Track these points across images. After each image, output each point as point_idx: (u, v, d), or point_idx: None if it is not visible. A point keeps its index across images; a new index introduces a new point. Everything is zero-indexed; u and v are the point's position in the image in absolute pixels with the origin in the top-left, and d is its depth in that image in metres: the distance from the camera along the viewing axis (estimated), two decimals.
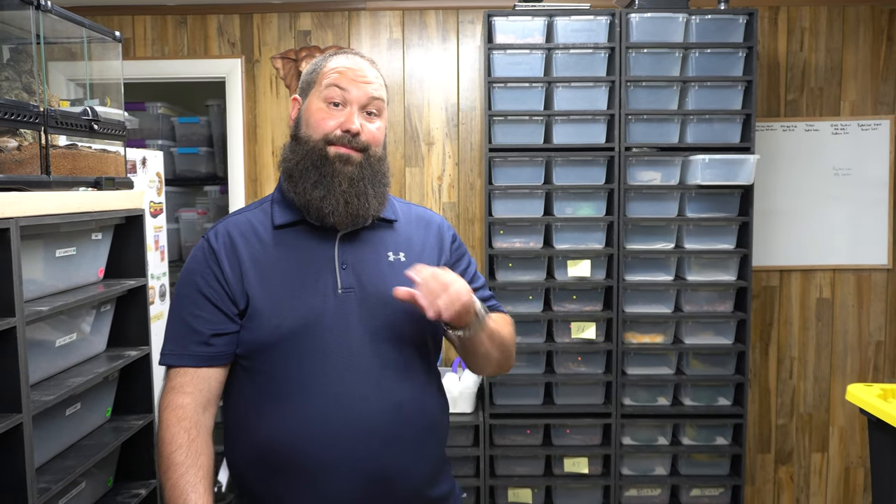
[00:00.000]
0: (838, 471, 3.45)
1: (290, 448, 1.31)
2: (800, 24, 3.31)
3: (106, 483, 1.97)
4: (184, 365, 1.34)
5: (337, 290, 1.36)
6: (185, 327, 1.35)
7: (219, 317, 1.35)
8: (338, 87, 1.37)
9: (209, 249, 1.38)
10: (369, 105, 1.39)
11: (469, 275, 1.53)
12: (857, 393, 2.03)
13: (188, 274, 1.39)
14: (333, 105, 1.37)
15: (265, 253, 1.38)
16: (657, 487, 3.03)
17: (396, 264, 1.42)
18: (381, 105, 1.41)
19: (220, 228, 1.42)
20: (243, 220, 1.43)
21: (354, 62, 1.40)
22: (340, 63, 1.40)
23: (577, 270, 2.92)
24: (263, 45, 3.33)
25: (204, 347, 1.34)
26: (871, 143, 3.33)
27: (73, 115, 1.77)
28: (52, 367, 1.73)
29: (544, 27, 2.91)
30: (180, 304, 1.38)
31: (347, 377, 1.32)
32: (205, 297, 1.35)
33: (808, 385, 3.42)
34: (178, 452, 1.27)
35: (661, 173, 2.94)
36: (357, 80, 1.38)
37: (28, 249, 1.60)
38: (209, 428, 1.34)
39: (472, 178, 3.37)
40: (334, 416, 1.31)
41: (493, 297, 1.60)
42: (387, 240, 1.45)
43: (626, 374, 2.98)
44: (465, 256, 1.56)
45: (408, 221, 1.50)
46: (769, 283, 3.38)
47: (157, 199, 2.86)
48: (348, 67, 1.39)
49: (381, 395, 1.33)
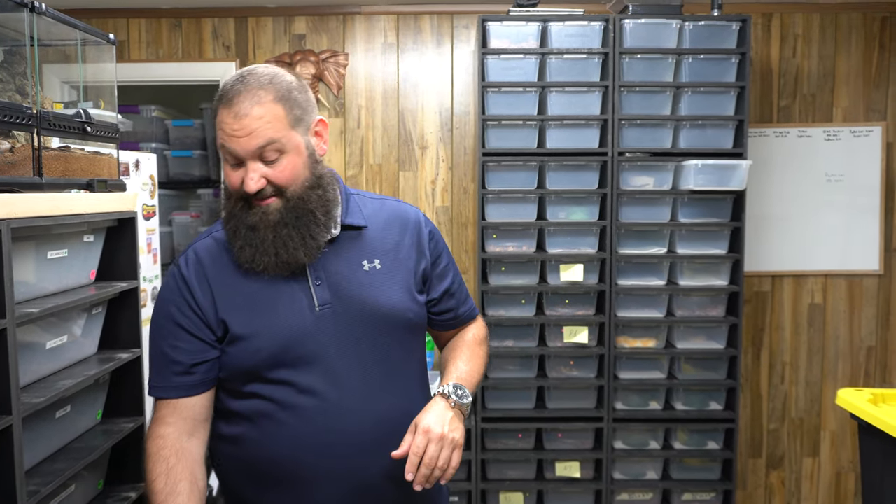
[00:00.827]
0: (829, 476, 3.46)
1: (276, 464, 1.32)
2: (793, 31, 3.32)
3: (96, 486, 1.97)
4: (168, 397, 1.35)
5: (314, 308, 1.34)
6: (165, 358, 1.35)
7: (197, 345, 1.34)
8: (224, 148, 1.29)
9: (180, 277, 1.37)
10: (263, 153, 1.28)
11: (448, 275, 1.52)
12: (848, 398, 2.03)
13: (163, 304, 1.38)
14: (232, 163, 1.31)
15: (235, 276, 1.35)
16: (649, 492, 3.03)
17: (373, 273, 1.39)
18: (278, 145, 1.28)
19: (190, 254, 1.40)
20: (210, 242, 1.40)
21: (231, 110, 1.27)
22: (221, 115, 1.29)
23: (570, 275, 2.93)
24: (258, 48, 3.33)
25: (185, 377, 1.34)
26: (863, 150, 3.35)
27: (66, 117, 1.77)
28: (43, 370, 1.72)
29: (538, 32, 2.92)
30: (158, 335, 1.37)
31: (331, 393, 1.32)
32: (180, 328, 1.34)
33: (799, 390, 3.43)
34: (158, 481, 1.28)
35: (654, 178, 2.95)
36: (238, 135, 1.26)
37: (19, 251, 1.59)
38: (195, 454, 1.34)
39: (466, 182, 3.37)
40: (320, 431, 1.31)
41: (467, 298, 1.58)
42: (358, 248, 1.41)
43: (619, 379, 2.98)
44: (443, 254, 1.53)
45: (380, 223, 1.45)
46: (761, 288, 3.40)
47: (150, 201, 2.86)
48: (228, 123, 1.27)
49: (365, 408, 1.33)
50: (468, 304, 1.58)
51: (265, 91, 1.28)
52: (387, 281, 1.40)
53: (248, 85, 1.28)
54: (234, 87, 1.29)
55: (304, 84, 1.37)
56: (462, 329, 1.58)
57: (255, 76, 1.30)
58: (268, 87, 1.29)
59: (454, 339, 1.57)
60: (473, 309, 1.60)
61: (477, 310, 1.62)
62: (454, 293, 1.53)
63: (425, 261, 1.47)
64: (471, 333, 1.57)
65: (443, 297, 1.51)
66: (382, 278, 1.39)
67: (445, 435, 1.27)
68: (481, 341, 1.57)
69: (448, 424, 1.29)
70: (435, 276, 1.49)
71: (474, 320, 1.60)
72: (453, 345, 1.55)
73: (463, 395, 1.36)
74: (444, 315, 1.53)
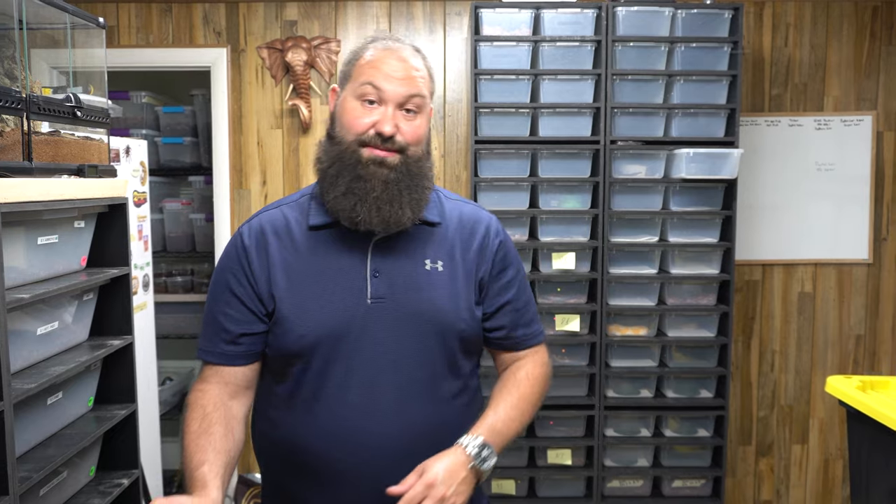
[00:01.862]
0: (818, 462, 3.50)
1: (309, 453, 1.31)
2: (784, 20, 3.33)
3: (88, 472, 1.96)
4: (212, 362, 1.35)
5: (366, 300, 1.30)
6: (216, 324, 1.35)
7: (247, 316, 1.33)
8: (372, 85, 1.27)
9: (241, 246, 1.35)
10: (407, 102, 1.28)
11: (510, 291, 1.42)
12: (837, 385, 2.05)
13: (221, 270, 1.37)
14: (368, 103, 1.28)
15: (296, 256, 1.33)
16: (639, 479, 3.05)
17: (433, 274, 1.34)
18: (422, 102, 1.30)
19: (255, 224, 1.37)
20: (279, 215, 1.38)
21: (394, 54, 1.30)
22: (378, 55, 1.30)
23: (562, 263, 2.94)
24: (249, 34, 3.31)
25: (232, 347, 1.34)
26: (854, 139, 3.36)
27: (55, 101, 1.75)
28: (34, 356, 1.71)
29: (531, 19, 2.91)
30: (213, 300, 1.37)
31: (370, 392, 1.30)
32: (234, 296, 1.33)
33: (789, 378, 3.46)
34: (193, 422, 1.28)
35: (646, 167, 2.96)
36: (393, 75, 1.27)
37: (9, 236, 1.58)
38: (235, 413, 1.33)
39: (458, 170, 3.37)
40: (354, 429, 1.29)
41: (531, 323, 1.45)
42: (427, 245, 1.36)
43: (610, 367, 3.00)
44: (509, 268, 1.43)
45: (453, 224, 1.39)
46: (752, 276, 3.41)
47: (141, 188, 2.84)
48: (388, 63, 1.28)
49: (401, 411, 1.30)
50: (530, 329, 1.46)
51: (420, 56, 1.34)
52: (445, 285, 1.34)
53: (403, 44, 1.33)
54: (388, 40, 1.33)
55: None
56: (520, 359, 1.46)
57: (402, 42, 1.34)
58: (419, 53, 1.35)
59: (507, 372, 1.45)
60: (535, 336, 1.47)
61: (542, 338, 1.49)
62: (512, 311, 1.42)
63: (486, 267, 1.39)
64: (524, 371, 1.43)
65: (497, 311, 1.41)
66: (442, 281, 1.34)
67: (447, 497, 1.19)
68: (536, 380, 1.43)
69: (455, 485, 1.21)
70: (494, 288, 1.40)
71: (534, 350, 1.47)
72: (504, 380, 1.43)
73: (487, 456, 1.26)
74: (495, 332, 1.42)
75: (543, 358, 1.47)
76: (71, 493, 1.87)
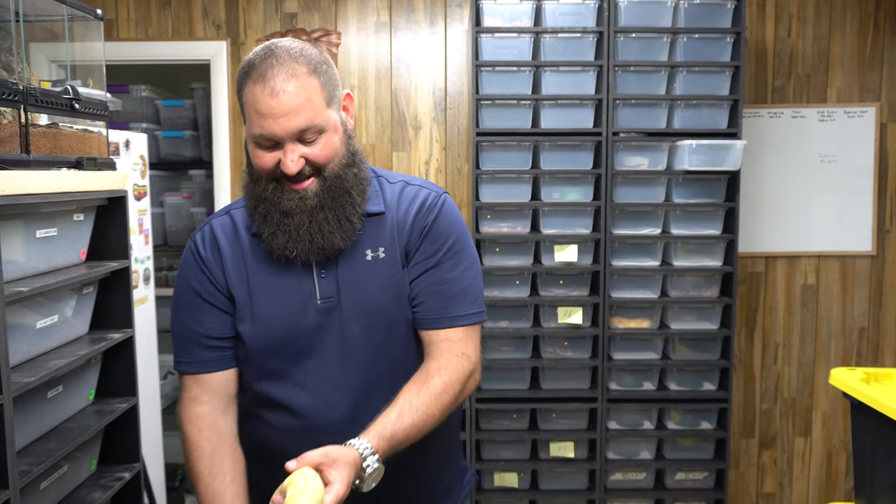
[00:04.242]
0: (821, 455, 3.49)
1: (278, 454, 1.30)
2: (787, 11, 3.30)
3: (89, 466, 1.96)
4: (195, 371, 1.34)
5: (316, 302, 1.30)
6: (190, 334, 1.34)
7: (221, 317, 1.33)
8: (262, 132, 1.21)
9: (196, 251, 1.36)
10: (303, 135, 1.22)
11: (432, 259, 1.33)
12: (841, 376, 2.04)
13: (182, 279, 1.37)
14: (266, 148, 1.24)
15: (247, 261, 1.33)
16: (642, 471, 3.05)
17: (376, 263, 1.31)
18: (319, 126, 1.22)
19: (206, 230, 1.38)
20: (228, 221, 1.38)
21: (267, 88, 1.19)
22: (256, 97, 1.20)
23: (564, 255, 2.92)
24: (249, 27, 3.30)
25: (212, 352, 1.34)
26: (857, 131, 3.34)
27: (53, 93, 1.74)
28: (33, 350, 1.70)
29: (532, 11, 2.90)
30: (181, 311, 1.36)
31: (328, 391, 1.31)
32: (202, 300, 1.33)
33: (792, 370, 3.45)
34: (203, 463, 1.28)
35: (649, 158, 2.94)
36: (276, 115, 1.19)
37: (7, 229, 1.57)
38: (232, 431, 1.34)
39: (460, 162, 3.35)
40: (315, 429, 1.29)
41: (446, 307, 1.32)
42: (368, 236, 1.32)
43: (613, 359, 2.99)
44: (440, 238, 1.33)
45: (393, 207, 1.35)
46: (755, 269, 3.40)
47: (141, 182, 2.83)
48: (263, 101, 1.19)
49: (365, 407, 1.29)
50: (450, 308, 1.32)
51: (298, 63, 1.21)
52: (388, 273, 1.31)
53: (280, 57, 1.20)
54: (264, 61, 1.20)
55: (328, 57, 1.30)
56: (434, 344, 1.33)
57: (284, 48, 1.22)
58: (300, 59, 1.21)
59: (422, 368, 1.30)
60: (456, 318, 1.33)
61: (468, 322, 1.34)
62: (432, 282, 1.33)
63: (414, 236, 1.33)
64: (440, 379, 1.26)
65: (416, 280, 1.33)
66: (385, 270, 1.32)
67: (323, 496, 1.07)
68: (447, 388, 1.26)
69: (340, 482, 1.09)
70: (416, 257, 1.33)
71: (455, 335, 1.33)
72: (418, 375, 1.28)
73: (369, 465, 1.13)
74: (413, 303, 1.34)
75: (465, 349, 1.32)
76: (72, 486, 1.87)
